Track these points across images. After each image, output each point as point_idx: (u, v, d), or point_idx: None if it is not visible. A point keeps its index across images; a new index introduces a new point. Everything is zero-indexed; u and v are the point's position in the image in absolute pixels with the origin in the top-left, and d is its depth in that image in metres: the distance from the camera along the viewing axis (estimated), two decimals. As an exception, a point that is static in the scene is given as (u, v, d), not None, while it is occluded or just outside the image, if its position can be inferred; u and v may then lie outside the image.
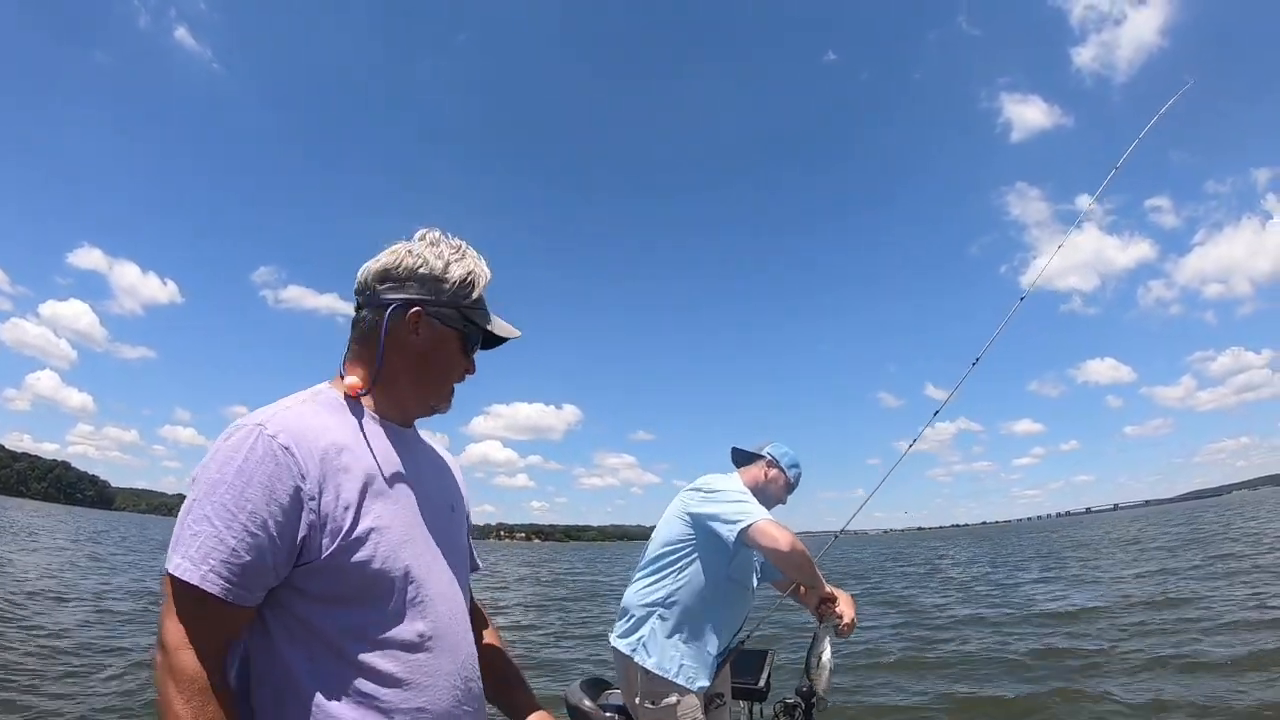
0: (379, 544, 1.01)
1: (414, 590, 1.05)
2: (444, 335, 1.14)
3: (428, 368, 1.15)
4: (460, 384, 1.22)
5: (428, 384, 1.16)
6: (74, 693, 5.76)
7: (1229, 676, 5.88)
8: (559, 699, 2.58)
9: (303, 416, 1.03)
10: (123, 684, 6.11)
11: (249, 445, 0.96)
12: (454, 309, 1.15)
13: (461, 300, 1.15)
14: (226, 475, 0.94)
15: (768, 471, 2.66)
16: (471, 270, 1.16)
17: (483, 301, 1.19)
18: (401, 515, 1.07)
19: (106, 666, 6.67)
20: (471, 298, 1.16)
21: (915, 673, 7.09)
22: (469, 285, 1.15)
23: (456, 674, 1.09)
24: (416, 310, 1.12)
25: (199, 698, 0.89)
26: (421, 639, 1.04)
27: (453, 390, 1.20)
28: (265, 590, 0.97)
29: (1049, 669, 6.77)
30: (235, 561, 0.92)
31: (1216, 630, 7.68)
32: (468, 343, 1.18)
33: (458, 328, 1.15)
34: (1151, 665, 6.47)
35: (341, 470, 1.01)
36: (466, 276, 1.15)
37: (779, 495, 2.68)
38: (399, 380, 1.14)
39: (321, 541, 0.97)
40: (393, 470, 1.09)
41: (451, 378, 1.18)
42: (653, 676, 2.33)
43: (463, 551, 1.24)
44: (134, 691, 5.87)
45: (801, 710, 2.56)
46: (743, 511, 2.31)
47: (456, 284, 1.14)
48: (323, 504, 0.98)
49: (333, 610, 0.99)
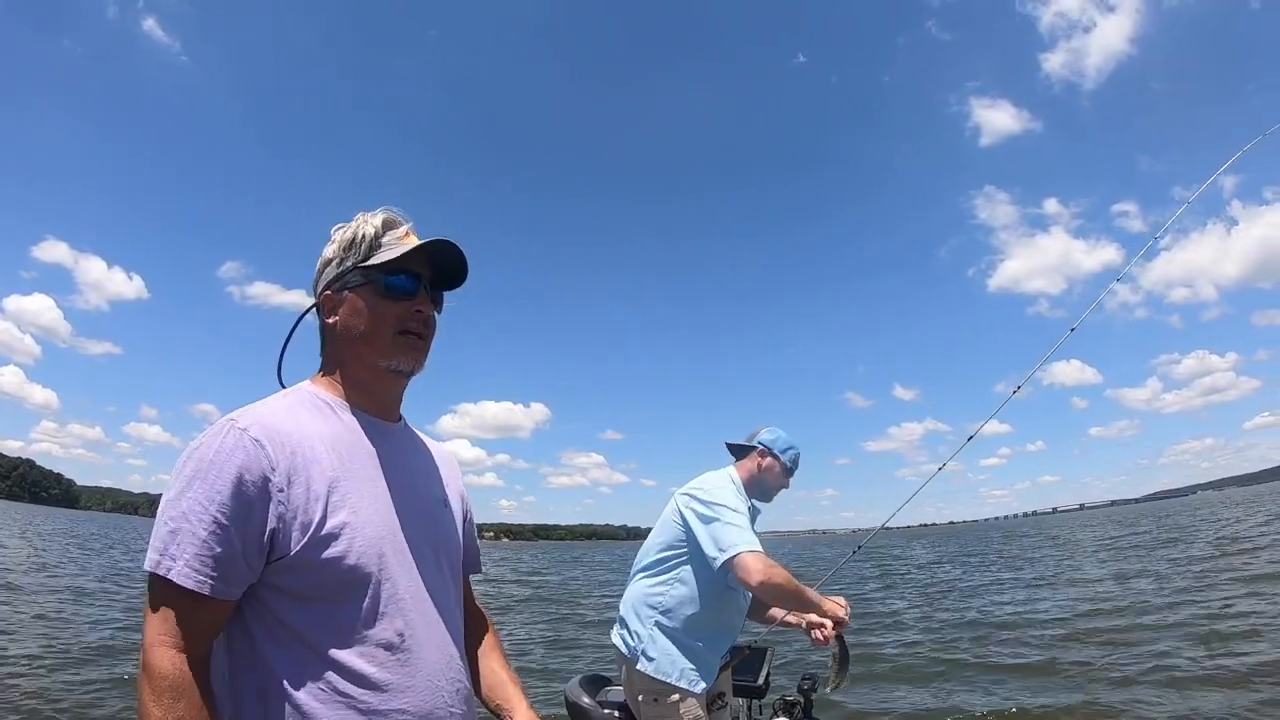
0: (352, 539, 1.00)
1: (391, 588, 1.03)
2: (351, 300, 1.11)
3: (356, 336, 1.11)
4: (431, 336, 1.14)
5: (367, 353, 1.11)
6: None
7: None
8: (551, 697, 2.55)
9: (276, 412, 1.03)
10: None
11: (220, 439, 0.97)
12: (351, 272, 1.11)
13: (351, 259, 1.12)
14: (200, 469, 0.95)
15: (761, 462, 2.62)
16: (355, 230, 1.13)
17: (376, 241, 1.13)
18: (378, 511, 1.05)
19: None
20: (362, 250, 1.12)
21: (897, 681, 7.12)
22: (354, 242, 1.12)
23: (441, 674, 1.06)
24: (326, 295, 1.13)
25: (168, 696, 0.89)
26: (401, 638, 1.02)
27: (407, 343, 1.11)
28: (242, 585, 0.96)
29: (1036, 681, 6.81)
30: (208, 554, 0.92)
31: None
32: (384, 289, 1.10)
33: (360, 283, 1.10)
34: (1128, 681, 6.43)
35: (312, 462, 1.00)
36: (351, 238, 1.13)
37: (777, 483, 2.64)
38: (348, 365, 1.13)
39: (292, 535, 0.96)
40: (369, 465, 1.08)
41: (383, 331, 1.10)
42: (654, 680, 2.32)
43: (455, 548, 1.22)
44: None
45: (801, 708, 2.58)
46: (728, 543, 2.26)
47: (341, 248, 1.13)
48: (292, 496, 0.97)
49: (308, 608, 0.98)
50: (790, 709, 2.60)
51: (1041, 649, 7.69)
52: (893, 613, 11.61)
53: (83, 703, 5.54)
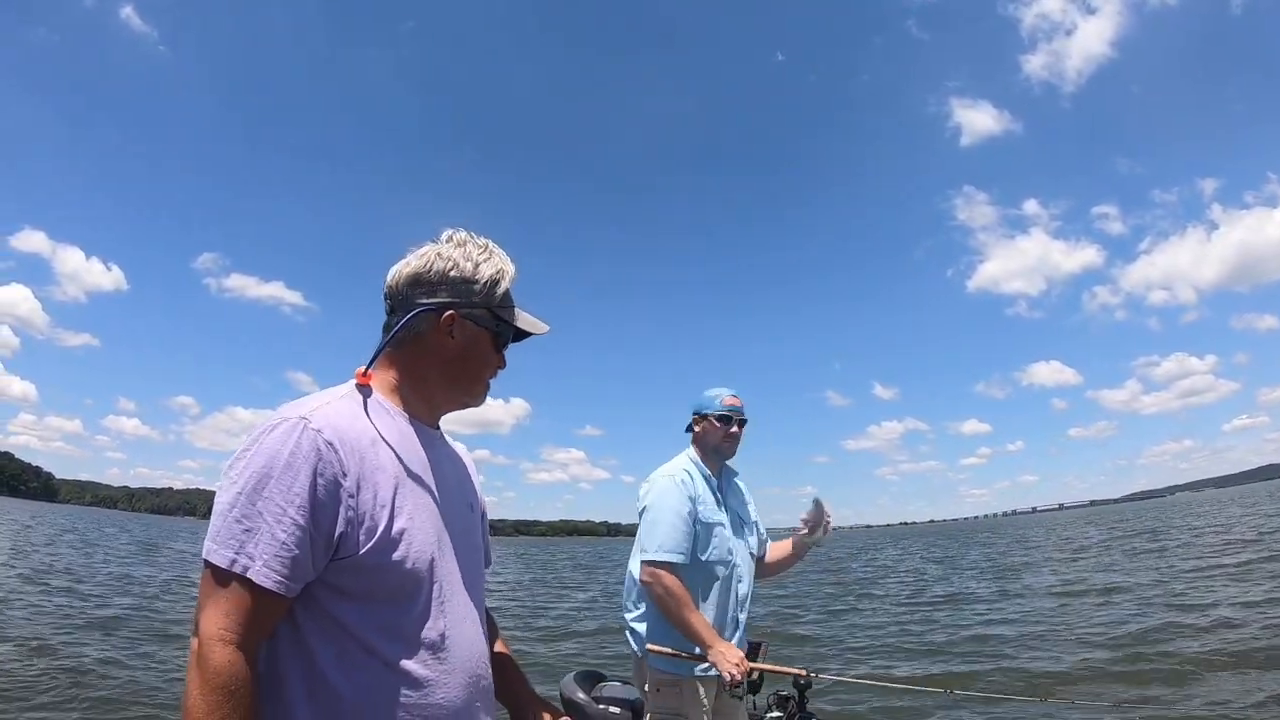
0: (411, 544, 1.04)
1: (438, 590, 1.08)
2: (477, 336, 1.18)
3: (464, 368, 1.19)
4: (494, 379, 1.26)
5: (462, 383, 1.21)
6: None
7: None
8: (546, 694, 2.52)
9: (343, 414, 1.05)
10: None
11: (295, 439, 0.98)
12: (485, 309, 1.18)
13: (491, 300, 1.19)
14: (275, 469, 0.96)
15: (699, 428, 2.68)
16: (499, 269, 1.20)
17: (510, 297, 1.23)
18: (431, 515, 1.10)
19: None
20: (499, 296, 1.20)
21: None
22: (497, 284, 1.19)
23: (472, 670, 1.12)
24: (450, 314, 1.15)
25: (220, 694, 0.90)
26: (443, 638, 1.07)
27: (488, 386, 1.25)
28: (304, 583, 0.98)
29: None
30: (286, 555, 0.94)
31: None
32: (499, 340, 1.22)
33: (489, 327, 1.19)
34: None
35: (378, 469, 1.04)
36: (495, 275, 1.19)
37: (721, 443, 2.66)
38: (430, 380, 1.18)
39: (358, 538, 1.00)
40: (423, 471, 1.13)
41: (485, 375, 1.23)
42: (658, 671, 2.41)
43: (479, 550, 1.28)
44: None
45: (795, 702, 2.59)
46: (646, 545, 2.44)
47: (486, 284, 1.18)
48: (360, 501, 1.00)
49: (363, 607, 1.01)
50: (785, 703, 2.61)
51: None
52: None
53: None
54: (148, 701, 5.68)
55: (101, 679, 6.15)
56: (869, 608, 12.41)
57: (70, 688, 5.79)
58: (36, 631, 7.87)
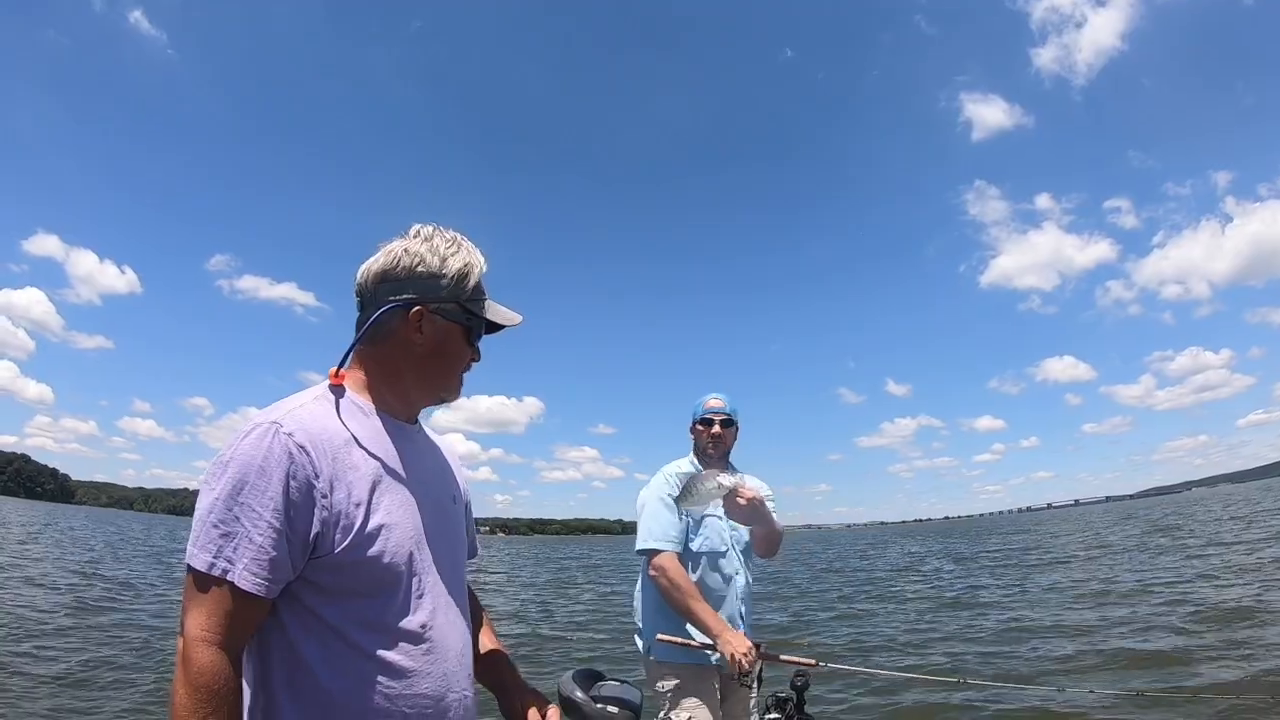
0: (388, 540, 1.07)
1: (418, 583, 1.12)
2: (447, 330, 1.19)
3: (434, 363, 1.20)
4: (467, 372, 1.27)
5: (435, 379, 1.22)
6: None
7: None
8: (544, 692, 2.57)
9: (315, 416, 1.08)
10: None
11: (268, 444, 1.01)
12: (454, 303, 1.19)
13: (461, 293, 1.19)
14: (249, 474, 0.99)
15: (692, 435, 2.80)
16: (467, 262, 1.21)
17: (481, 290, 1.23)
18: (408, 510, 1.13)
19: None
20: (469, 289, 1.20)
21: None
22: (466, 277, 1.20)
23: (455, 661, 1.15)
24: (418, 310, 1.16)
25: (203, 693, 0.94)
26: (424, 629, 1.11)
27: (461, 380, 1.26)
28: (285, 583, 1.02)
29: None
30: (264, 558, 0.98)
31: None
32: (471, 333, 1.22)
33: (460, 321, 1.20)
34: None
35: (352, 468, 1.07)
36: (463, 269, 1.20)
37: (709, 447, 2.73)
38: (403, 376, 1.20)
39: (334, 537, 1.03)
40: (399, 466, 1.14)
41: (457, 369, 1.24)
42: (660, 664, 2.50)
43: (462, 542, 1.30)
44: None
45: (794, 703, 2.59)
46: (642, 536, 2.56)
47: (454, 278, 1.19)
48: (334, 501, 1.03)
49: (342, 602, 1.05)
50: (783, 704, 2.62)
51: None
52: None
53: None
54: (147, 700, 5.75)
55: (100, 677, 6.24)
56: (880, 609, 12.37)
57: (73, 686, 5.89)
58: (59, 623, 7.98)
